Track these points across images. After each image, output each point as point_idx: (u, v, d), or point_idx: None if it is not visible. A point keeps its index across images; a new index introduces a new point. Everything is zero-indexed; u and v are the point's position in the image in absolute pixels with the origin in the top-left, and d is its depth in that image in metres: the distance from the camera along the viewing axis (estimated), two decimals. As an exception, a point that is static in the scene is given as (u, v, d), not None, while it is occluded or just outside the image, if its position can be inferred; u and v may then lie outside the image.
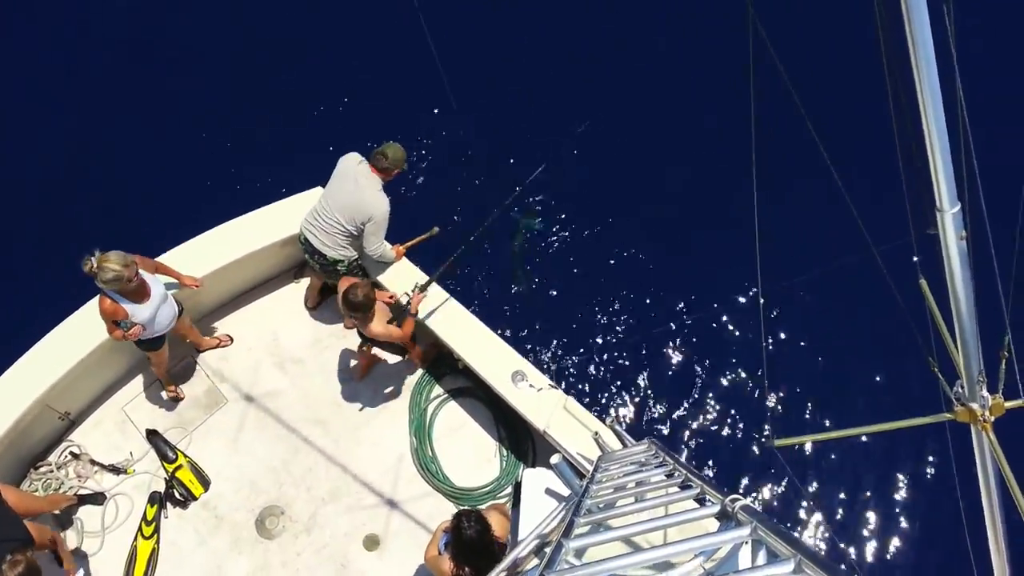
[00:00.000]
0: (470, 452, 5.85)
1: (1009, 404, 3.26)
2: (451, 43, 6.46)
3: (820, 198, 5.33)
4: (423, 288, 5.49)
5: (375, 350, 5.95)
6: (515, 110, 8.13)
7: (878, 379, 7.03)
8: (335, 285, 5.97)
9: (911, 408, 3.70)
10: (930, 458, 6.80)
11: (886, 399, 6.88)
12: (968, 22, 4.35)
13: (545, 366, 6.96)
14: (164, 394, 5.79)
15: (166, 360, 5.52)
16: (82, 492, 5.41)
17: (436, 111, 7.84)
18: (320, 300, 6.22)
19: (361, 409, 5.94)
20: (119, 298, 4.66)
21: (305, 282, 6.27)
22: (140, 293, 4.75)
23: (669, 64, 8.34)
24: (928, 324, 3.72)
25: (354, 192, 5.22)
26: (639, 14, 8.60)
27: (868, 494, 6.78)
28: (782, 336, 7.23)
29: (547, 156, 7.94)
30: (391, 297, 5.53)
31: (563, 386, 6.42)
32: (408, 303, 5.36)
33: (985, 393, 3.20)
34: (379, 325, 5.15)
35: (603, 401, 7.02)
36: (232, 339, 6.05)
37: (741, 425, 6.95)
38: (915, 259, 3.65)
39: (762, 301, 6.50)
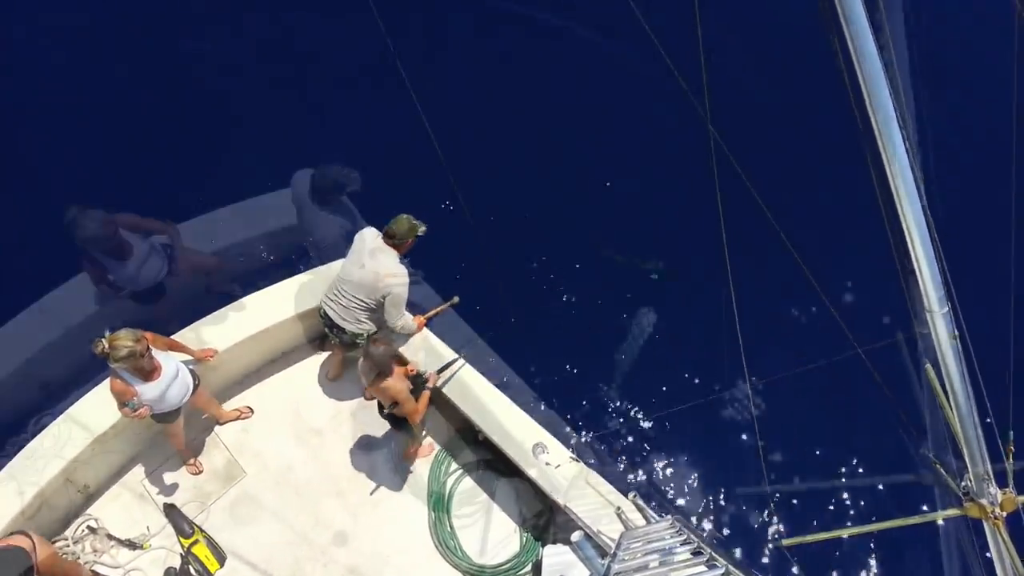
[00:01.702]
0: (490, 527, 5.73)
1: (1022, 499, 3.14)
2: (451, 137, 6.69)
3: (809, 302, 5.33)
4: (440, 370, 5.65)
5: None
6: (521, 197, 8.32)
7: (891, 471, 6.86)
8: (355, 358, 6.00)
9: (927, 500, 3.57)
10: (949, 547, 6.58)
11: (900, 491, 6.69)
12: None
13: (566, 437, 6.85)
14: (183, 467, 5.78)
15: (181, 433, 5.50)
16: (97, 568, 5.36)
17: (442, 188, 7.92)
18: (340, 372, 6.22)
19: (380, 483, 5.87)
20: (130, 377, 4.66)
21: (326, 353, 6.29)
22: (150, 371, 4.74)
23: (640, 176, 8.60)
24: (938, 416, 3.63)
25: (372, 267, 5.27)
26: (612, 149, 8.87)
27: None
28: (784, 431, 7.18)
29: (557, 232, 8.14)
30: (411, 369, 5.52)
31: (586, 459, 6.31)
32: (426, 377, 5.37)
33: (994, 489, 3.09)
34: (398, 380, 5.08)
35: (625, 474, 6.88)
36: (252, 411, 6.05)
37: (748, 523, 6.83)
38: (921, 348, 3.62)
39: (751, 397, 6.75)
